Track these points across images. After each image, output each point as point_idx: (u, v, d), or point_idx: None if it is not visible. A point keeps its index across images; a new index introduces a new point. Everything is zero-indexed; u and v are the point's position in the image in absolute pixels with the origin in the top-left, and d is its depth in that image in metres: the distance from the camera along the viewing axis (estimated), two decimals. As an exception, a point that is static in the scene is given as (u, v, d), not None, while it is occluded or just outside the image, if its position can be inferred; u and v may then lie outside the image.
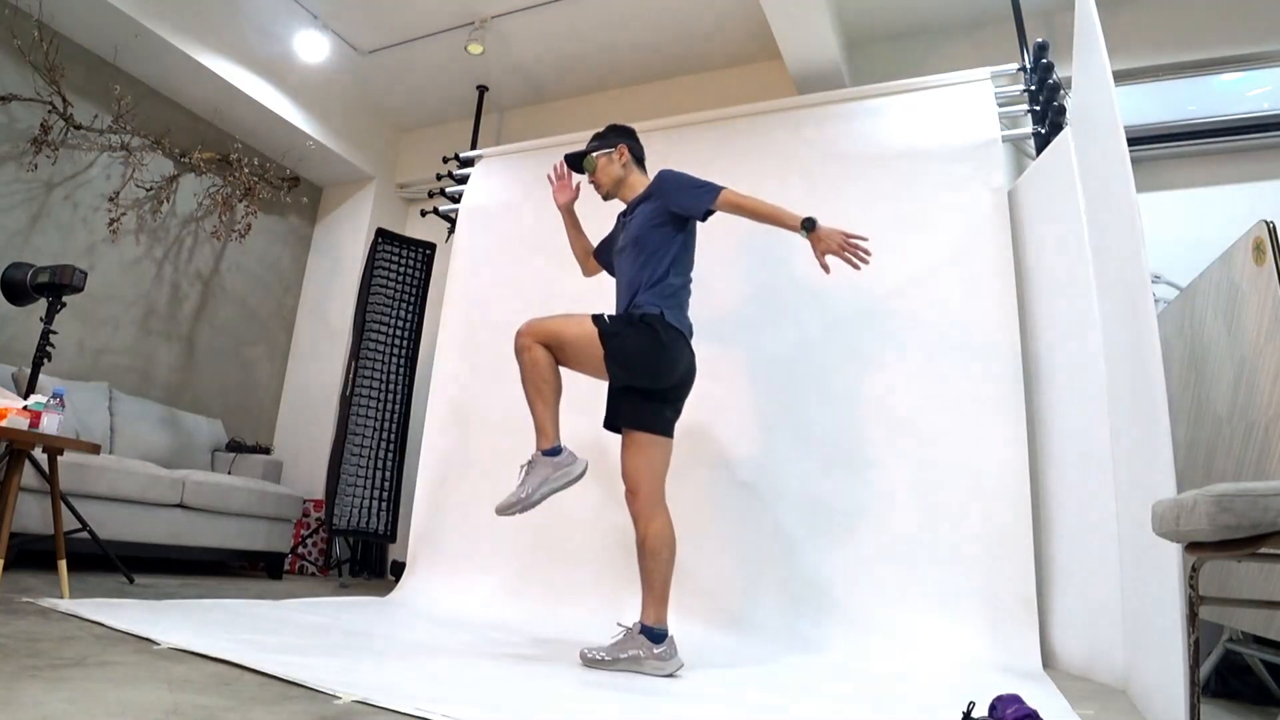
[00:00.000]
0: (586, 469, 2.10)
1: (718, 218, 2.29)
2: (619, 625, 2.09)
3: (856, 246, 2.13)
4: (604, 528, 2.99)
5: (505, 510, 2.05)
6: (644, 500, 2.10)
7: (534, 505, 2.05)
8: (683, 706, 1.68)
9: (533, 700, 1.60)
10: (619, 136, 2.46)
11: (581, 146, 2.51)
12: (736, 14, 3.83)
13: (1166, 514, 1.30)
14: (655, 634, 2.00)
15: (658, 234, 2.22)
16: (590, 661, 2.01)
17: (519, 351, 2.11)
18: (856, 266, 2.15)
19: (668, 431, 2.18)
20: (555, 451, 2.08)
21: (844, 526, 2.68)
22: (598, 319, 2.12)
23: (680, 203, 2.23)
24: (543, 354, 2.09)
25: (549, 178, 2.62)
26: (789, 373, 2.93)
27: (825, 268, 2.15)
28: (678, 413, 2.22)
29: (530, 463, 2.08)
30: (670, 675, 1.97)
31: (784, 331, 2.98)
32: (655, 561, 2.05)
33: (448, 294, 3.83)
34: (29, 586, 2.32)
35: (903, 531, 2.60)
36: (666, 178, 2.28)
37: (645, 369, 2.11)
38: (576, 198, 2.59)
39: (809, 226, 2.13)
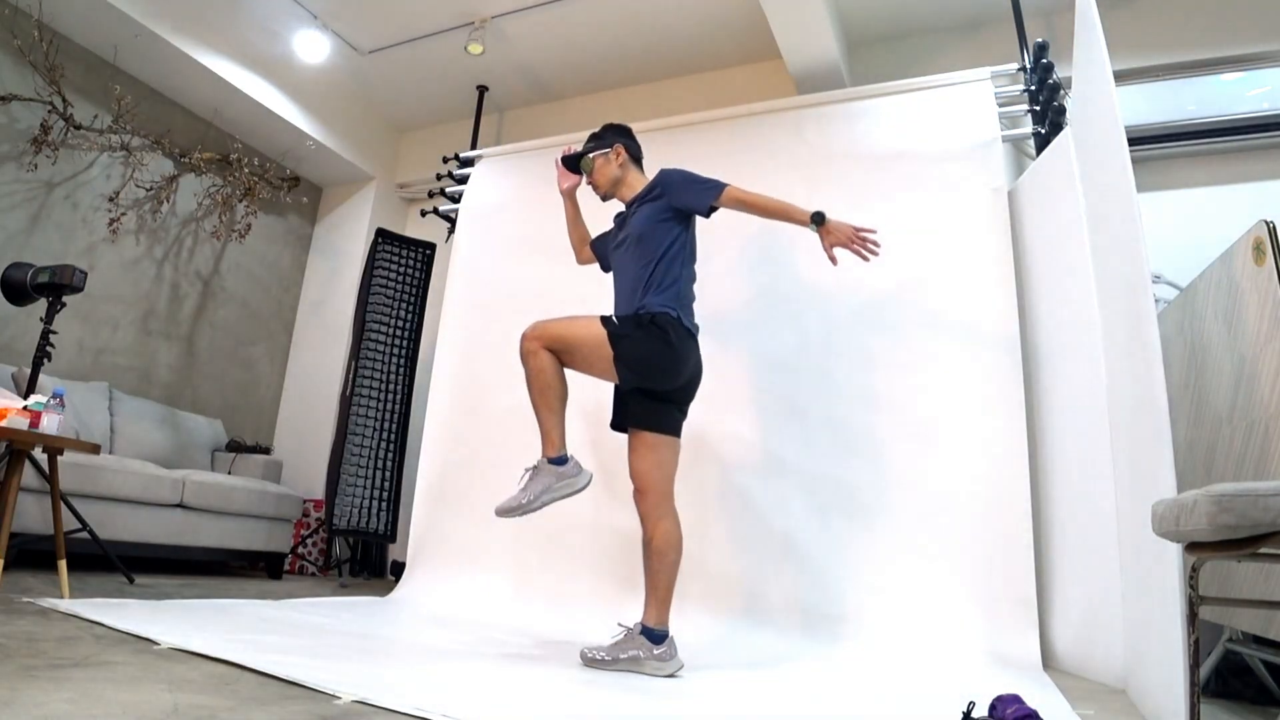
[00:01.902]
0: (590, 481, 2.08)
1: (721, 216, 2.28)
2: (619, 625, 2.08)
3: (865, 239, 2.13)
4: (605, 528, 2.99)
5: (504, 513, 2.04)
6: (653, 500, 2.08)
7: (533, 511, 2.04)
8: (683, 705, 1.68)
9: (533, 700, 1.60)
10: (616, 136, 2.43)
11: (580, 146, 2.50)
12: (736, 14, 3.82)
13: (1166, 514, 1.30)
14: (656, 635, 2.00)
15: (661, 229, 2.20)
16: (590, 661, 2.00)
17: (524, 356, 2.07)
18: (866, 258, 2.14)
19: (676, 431, 2.17)
20: (561, 460, 2.05)
21: (844, 526, 2.68)
22: (606, 320, 2.10)
23: (684, 199, 2.21)
24: (549, 359, 2.06)
25: (556, 162, 2.54)
26: (789, 373, 2.93)
27: (833, 259, 2.15)
28: (684, 413, 2.21)
29: (535, 468, 2.06)
30: (670, 676, 1.97)
31: (785, 332, 2.98)
32: (662, 562, 2.04)
33: (448, 294, 3.82)
34: (29, 586, 2.32)
35: (903, 531, 2.60)
36: (670, 175, 2.26)
37: (656, 371, 2.09)
38: (580, 184, 2.54)
39: (819, 220, 2.12)
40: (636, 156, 2.44)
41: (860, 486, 2.70)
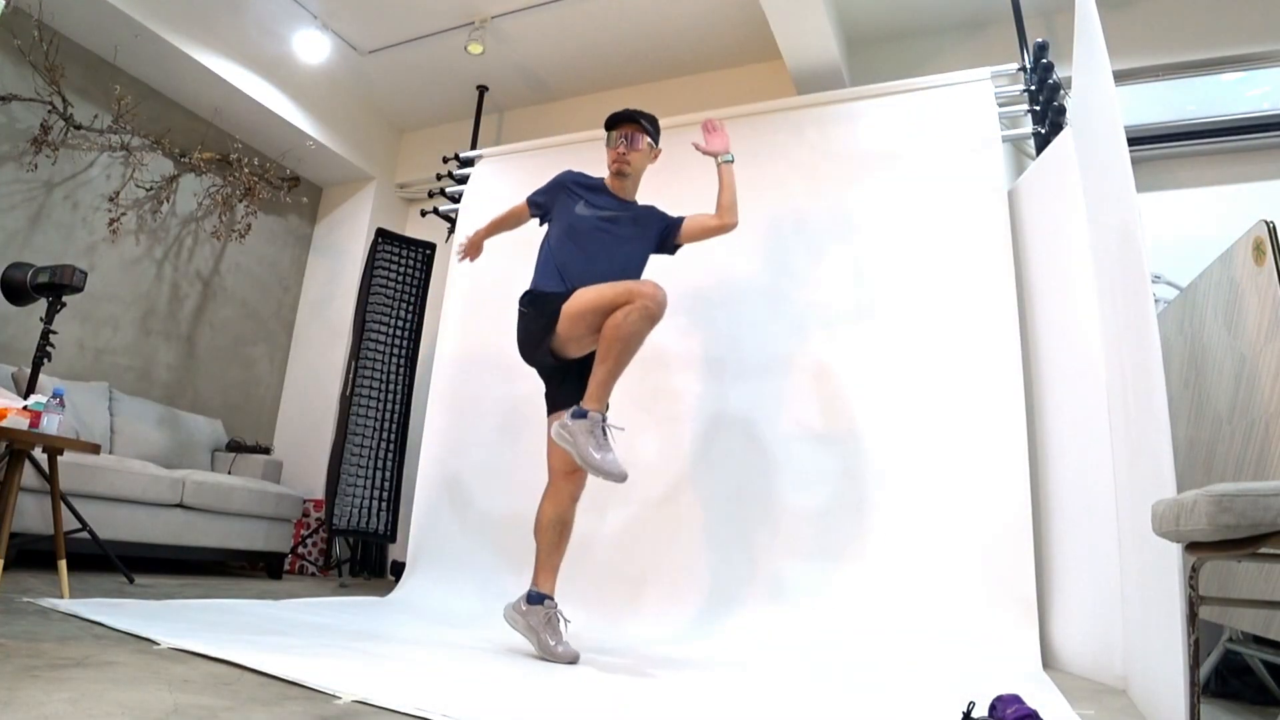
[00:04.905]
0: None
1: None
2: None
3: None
4: (603, 528, 2.98)
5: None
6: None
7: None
8: (683, 704, 1.68)
9: (533, 700, 1.60)
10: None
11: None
12: (736, 14, 3.82)
13: (1166, 514, 1.30)
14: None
15: (651, 245, 2.41)
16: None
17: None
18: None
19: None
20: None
21: (844, 526, 2.68)
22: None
23: (671, 229, 2.43)
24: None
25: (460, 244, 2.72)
26: (788, 372, 2.93)
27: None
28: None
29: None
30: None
31: (784, 331, 2.98)
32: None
33: (448, 294, 3.82)
34: (29, 586, 2.32)
35: (902, 531, 2.60)
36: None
37: None
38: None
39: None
40: None
41: (859, 486, 2.70)
